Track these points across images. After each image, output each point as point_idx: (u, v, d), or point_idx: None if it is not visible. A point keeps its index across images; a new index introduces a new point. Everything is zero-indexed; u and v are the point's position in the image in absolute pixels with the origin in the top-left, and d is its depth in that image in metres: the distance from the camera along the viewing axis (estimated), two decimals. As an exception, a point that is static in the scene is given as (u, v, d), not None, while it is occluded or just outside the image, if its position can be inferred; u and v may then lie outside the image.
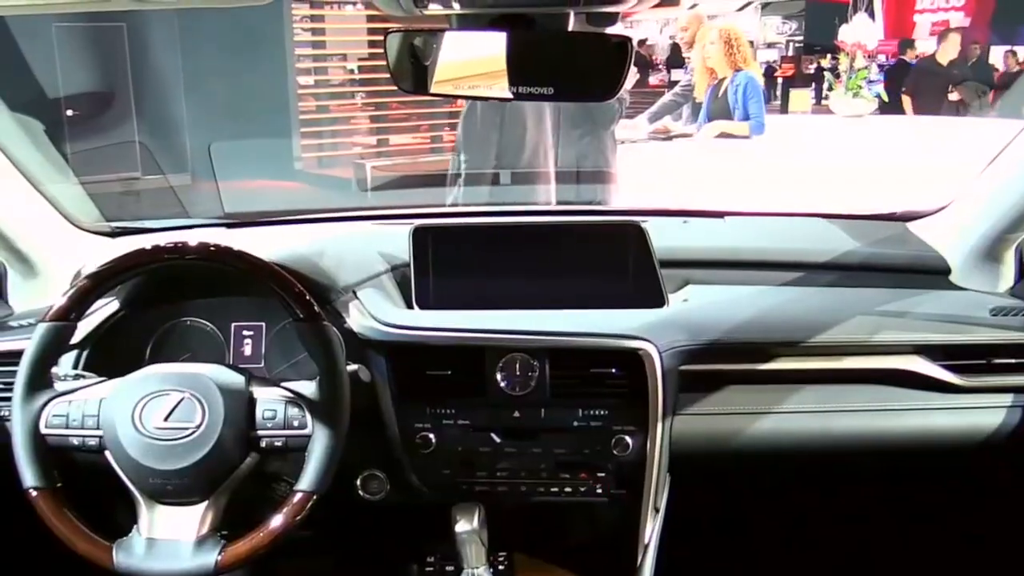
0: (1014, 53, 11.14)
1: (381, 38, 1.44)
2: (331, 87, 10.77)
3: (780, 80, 12.82)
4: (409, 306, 2.00)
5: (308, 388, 1.67)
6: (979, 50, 10.59)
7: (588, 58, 1.41)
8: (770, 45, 14.60)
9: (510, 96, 1.42)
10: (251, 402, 1.65)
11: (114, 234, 2.31)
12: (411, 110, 10.32)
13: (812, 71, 12.25)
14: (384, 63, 1.44)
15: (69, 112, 8.08)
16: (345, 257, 2.07)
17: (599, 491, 1.92)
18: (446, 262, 2.05)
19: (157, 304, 2.04)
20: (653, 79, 12.41)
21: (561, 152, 5.17)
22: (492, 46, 1.39)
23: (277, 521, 1.60)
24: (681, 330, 1.90)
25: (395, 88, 1.47)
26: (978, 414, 1.94)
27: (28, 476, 1.60)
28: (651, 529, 1.93)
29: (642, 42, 12.85)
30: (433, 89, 1.48)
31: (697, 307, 2.00)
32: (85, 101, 8.38)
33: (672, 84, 8.78)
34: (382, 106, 10.36)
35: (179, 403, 1.61)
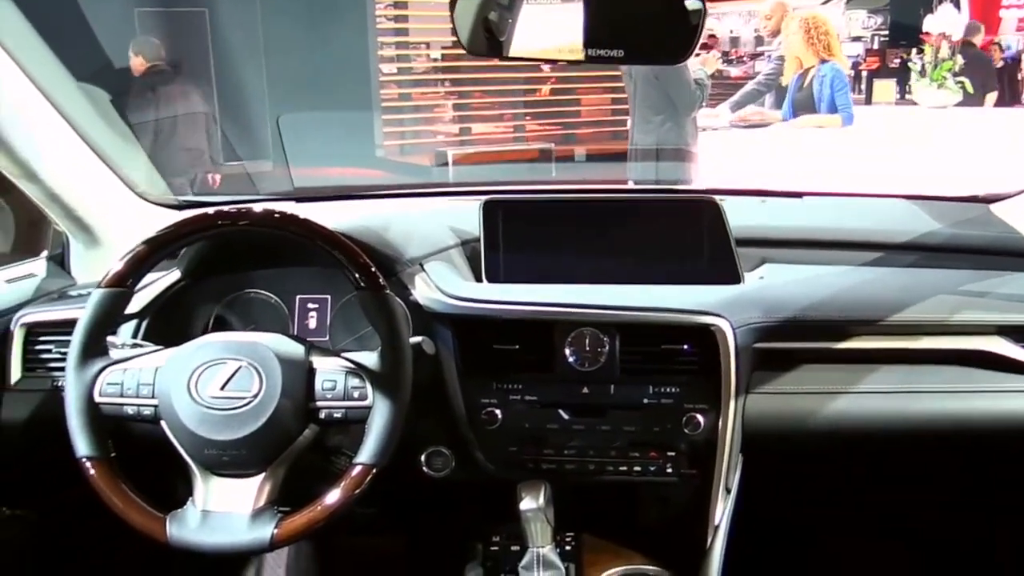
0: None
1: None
2: (414, 75, 10.82)
3: (864, 73, 12.60)
4: (478, 280, 1.97)
5: (369, 359, 1.62)
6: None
7: (659, 21, 1.39)
8: (855, 39, 14.36)
9: (581, 58, 1.39)
10: (310, 372, 1.61)
11: (181, 207, 2.31)
12: (494, 99, 10.35)
13: (896, 65, 12.01)
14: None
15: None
16: (413, 230, 2.05)
17: (669, 471, 1.87)
18: (517, 236, 2.01)
19: (220, 275, 2.02)
20: (736, 71, 12.26)
21: (640, 137, 5.17)
22: (565, 8, 1.36)
23: (335, 495, 1.56)
24: (756, 307, 1.85)
25: (478, 76, 1.46)
26: None
27: (81, 445, 1.57)
28: (722, 510, 1.88)
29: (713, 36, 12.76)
30: (507, 52, 1.46)
31: (773, 285, 1.96)
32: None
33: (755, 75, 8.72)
34: (465, 94, 10.41)
35: (236, 372, 1.57)
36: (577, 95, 11.02)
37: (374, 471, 1.56)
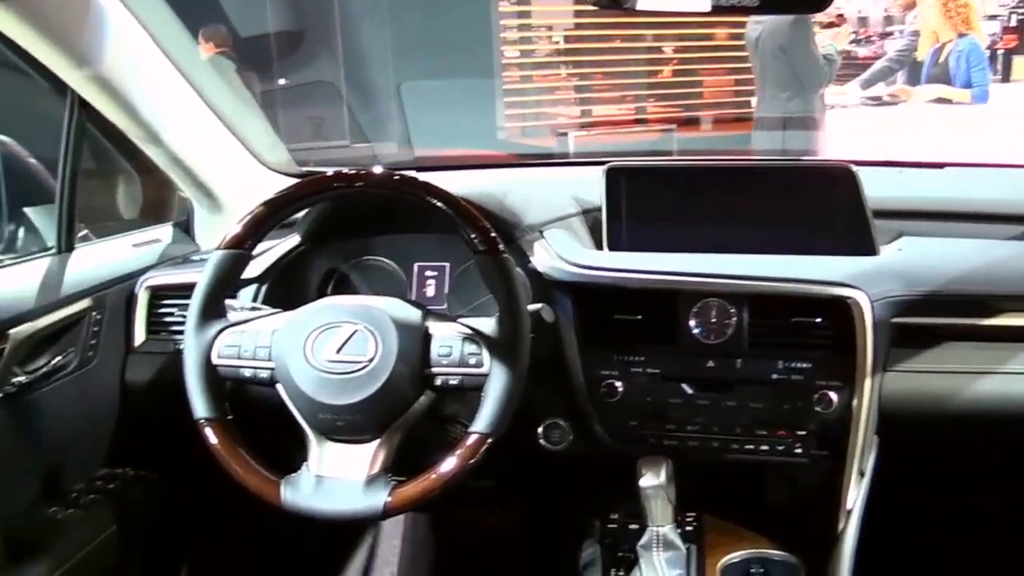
0: None
1: (587, 8, 1.36)
2: (536, 58, 10.81)
3: (1001, 52, 12.17)
4: (599, 248, 1.91)
5: (487, 324, 1.57)
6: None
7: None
8: (991, 17, 13.88)
9: (707, 8, 1.31)
10: (426, 338, 1.56)
11: (302, 176, 2.30)
12: (615, 80, 10.28)
13: (1036, 43, 11.57)
14: (590, 34, 1.36)
15: (281, 81, 8.35)
16: (533, 197, 2.00)
17: (798, 451, 1.78)
18: (641, 203, 1.95)
19: (339, 240, 2.01)
20: (865, 51, 11.97)
21: (766, 113, 5.08)
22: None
23: (449, 464, 1.51)
24: (895, 280, 1.75)
25: (599, 59, 1.40)
26: None
27: (199, 407, 1.56)
28: (855, 495, 1.79)
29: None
30: (634, 5, 1.39)
31: (913, 257, 1.84)
32: (298, 68, 8.65)
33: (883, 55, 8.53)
34: (586, 76, 10.36)
35: (352, 335, 1.54)
36: (699, 76, 10.86)
37: (489, 440, 1.51)
